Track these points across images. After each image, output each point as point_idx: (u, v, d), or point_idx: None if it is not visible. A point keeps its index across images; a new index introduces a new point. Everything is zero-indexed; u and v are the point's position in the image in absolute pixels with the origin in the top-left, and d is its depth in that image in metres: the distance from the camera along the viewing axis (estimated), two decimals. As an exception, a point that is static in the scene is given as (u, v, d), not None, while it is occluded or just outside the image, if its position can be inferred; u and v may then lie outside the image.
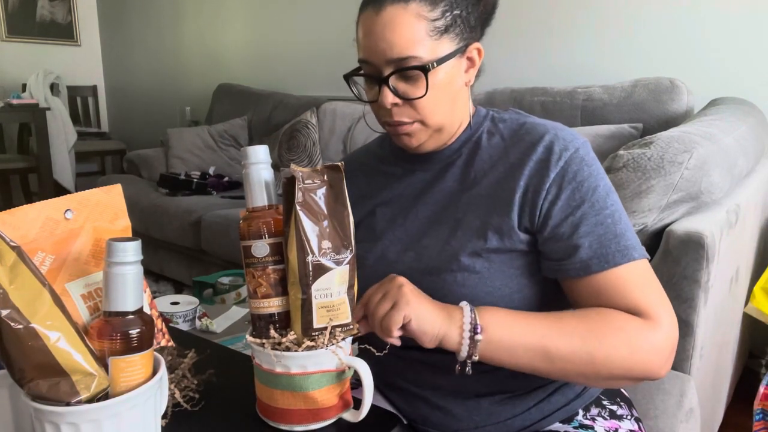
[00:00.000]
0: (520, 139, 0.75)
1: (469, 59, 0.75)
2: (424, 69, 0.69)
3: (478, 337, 0.63)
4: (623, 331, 0.64)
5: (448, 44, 0.70)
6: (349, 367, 0.61)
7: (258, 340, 0.61)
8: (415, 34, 0.68)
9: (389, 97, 0.71)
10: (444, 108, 0.73)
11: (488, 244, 0.71)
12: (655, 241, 1.11)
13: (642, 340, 0.64)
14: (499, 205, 0.72)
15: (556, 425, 0.77)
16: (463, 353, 0.63)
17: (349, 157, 0.92)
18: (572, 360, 0.63)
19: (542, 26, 2.36)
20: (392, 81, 0.71)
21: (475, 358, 0.63)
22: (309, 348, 0.59)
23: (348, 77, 0.76)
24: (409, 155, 0.81)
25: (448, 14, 0.70)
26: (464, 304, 0.66)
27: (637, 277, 0.67)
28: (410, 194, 0.80)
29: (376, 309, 0.63)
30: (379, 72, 0.71)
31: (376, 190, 0.84)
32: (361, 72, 0.74)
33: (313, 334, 0.60)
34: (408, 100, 0.71)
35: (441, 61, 0.70)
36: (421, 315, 0.62)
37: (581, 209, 0.69)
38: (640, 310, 0.65)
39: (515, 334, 0.64)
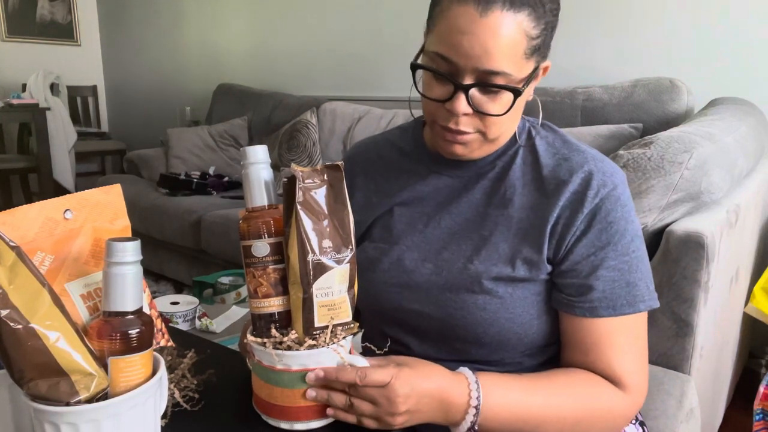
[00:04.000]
0: (556, 164, 0.71)
1: (536, 77, 0.70)
2: (517, 92, 0.64)
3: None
4: (609, 412, 0.67)
5: (532, 64, 0.65)
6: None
7: (259, 340, 0.61)
8: (515, 49, 0.62)
9: (463, 106, 0.65)
10: (508, 124, 0.70)
11: (515, 272, 0.69)
12: (655, 241, 1.11)
13: (621, 416, 0.68)
14: (531, 235, 0.70)
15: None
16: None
17: (365, 146, 0.86)
18: (561, 430, 0.66)
19: (542, 26, 2.35)
20: (472, 90, 0.64)
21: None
22: (310, 347, 0.59)
23: (416, 68, 0.68)
24: (439, 157, 0.77)
25: (545, 32, 0.64)
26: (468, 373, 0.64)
27: (628, 335, 0.68)
28: (434, 200, 0.76)
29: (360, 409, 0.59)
30: (459, 74, 0.64)
31: (396, 189, 0.79)
32: (434, 68, 0.65)
33: (314, 332, 0.60)
34: (482, 114, 0.66)
35: (527, 83, 0.65)
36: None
37: (604, 251, 0.68)
38: (619, 378, 0.68)
39: (514, 408, 0.64)
